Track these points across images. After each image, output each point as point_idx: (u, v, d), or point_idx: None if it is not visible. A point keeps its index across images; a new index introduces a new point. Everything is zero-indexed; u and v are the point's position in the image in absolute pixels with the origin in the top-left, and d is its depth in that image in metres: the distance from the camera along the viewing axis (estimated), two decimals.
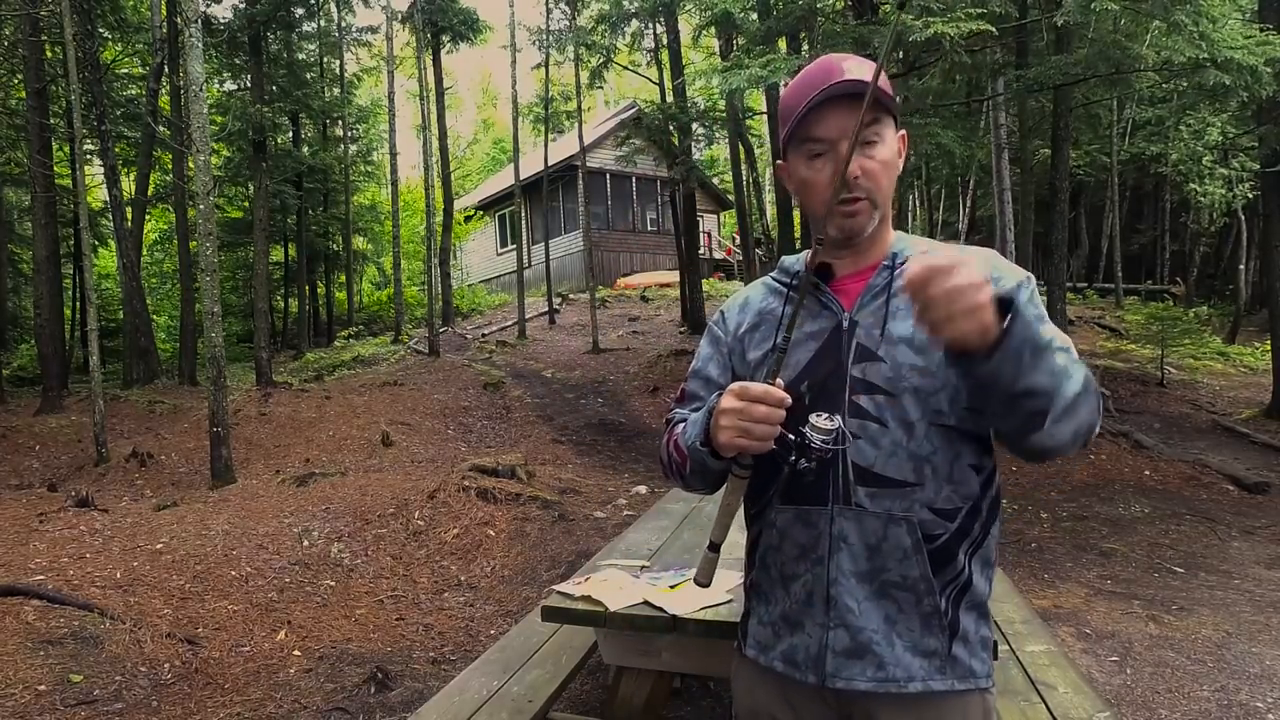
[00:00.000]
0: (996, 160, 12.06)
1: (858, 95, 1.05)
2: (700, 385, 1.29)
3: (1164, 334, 11.19)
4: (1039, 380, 0.95)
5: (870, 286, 1.15)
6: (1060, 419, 0.98)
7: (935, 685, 1.10)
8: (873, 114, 1.08)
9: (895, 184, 1.16)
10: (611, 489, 6.98)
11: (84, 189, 10.33)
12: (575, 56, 14.39)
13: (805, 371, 1.14)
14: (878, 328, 1.12)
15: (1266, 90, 6.95)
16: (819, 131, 1.11)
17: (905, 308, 1.11)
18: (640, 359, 12.56)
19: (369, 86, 23.10)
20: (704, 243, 20.39)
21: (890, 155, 1.12)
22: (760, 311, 1.25)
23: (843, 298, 1.16)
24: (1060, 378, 0.96)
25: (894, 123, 1.14)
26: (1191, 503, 6.60)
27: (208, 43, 11.40)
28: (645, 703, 2.36)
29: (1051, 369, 0.96)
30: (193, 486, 7.14)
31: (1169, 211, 20.32)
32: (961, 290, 0.88)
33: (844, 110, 1.08)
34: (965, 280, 0.88)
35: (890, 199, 1.15)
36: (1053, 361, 0.96)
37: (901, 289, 0.91)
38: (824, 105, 1.09)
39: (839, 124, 1.09)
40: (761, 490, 1.19)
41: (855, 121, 1.04)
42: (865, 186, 1.10)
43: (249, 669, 3.62)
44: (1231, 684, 3.41)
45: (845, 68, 1.09)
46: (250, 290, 15.17)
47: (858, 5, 8.14)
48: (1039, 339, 0.94)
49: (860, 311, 1.14)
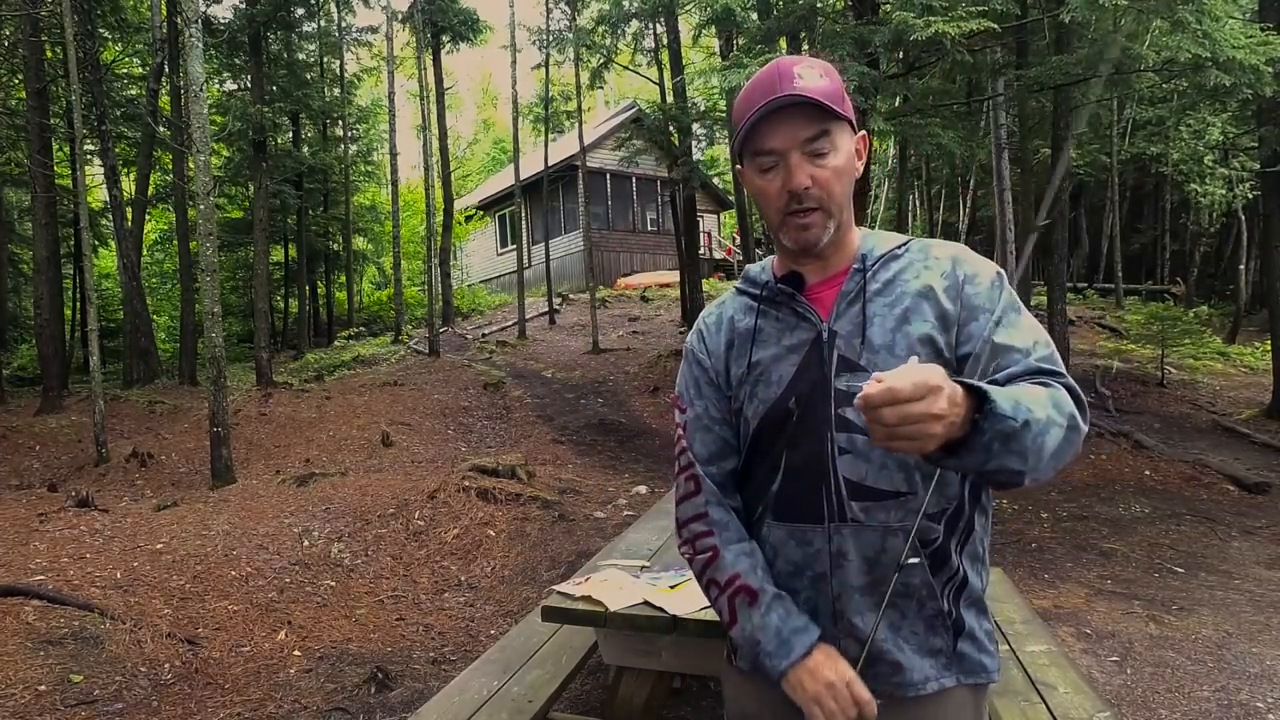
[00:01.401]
0: (996, 160, 12.05)
1: (806, 104, 1.04)
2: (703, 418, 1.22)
3: (1164, 334, 11.20)
4: (1009, 463, 0.92)
5: (844, 293, 1.13)
6: (1038, 475, 0.96)
7: (946, 683, 1.11)
8: (822, 125, 1.06)
9: (853, 187, 1.13)
10: (612, 489, 6.98)
11: (84, 189, 10.33)
12: (575, 57, 14.38)
13: (790, 387, 1.12)
14: (857, 336, 1.10)
15: (1268, 90, 6.95)
16: (767, 143, 1.08)
17: (883, 313, 1.10)
18: (640, 359, 12.56)
19: (369, 86, 23.10)
20: (704, 243, 20.39)
21: (843, 162, 1.09)
22: (735, 327, 1.21)
23: (818, 306, 1.14)
24: (1035, 453, 0.92)
25: (850, 126, 1.11)
26: (1192, 503, 6.60)
27: (208, 43, 11.41)
28: (645, 703, 2.36)
29: (1024, 449, 0.91)
30: (193, 486, 7.14)
31: (1169, 211, 20.32)
32: (916, 419, 0.84)
33: (792, 120, 1.06)
34: (923, 410, 0.84)
35: (847, 205, 1.12)
36: (1026, 442, 0.91)
37: (857, 404, 0.86)
38: (771, 116, 1.06)
39: (787, 135, 1.07)
40: (751, 505, 1.18)
41: (803, 131, 1.03)
42: (817, 195, 1.08)
43: (249, 669, 3.62)
44: (1232, 684, 3.40)
45: (796, 73, 1.06)
46: (250, 290, 15.17)
47: (858, 5, 8.14)
48: (1010, 427, 0.89)
49: (838, 321, 1.12)
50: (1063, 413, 0.96)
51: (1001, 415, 0.89)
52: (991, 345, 1.06)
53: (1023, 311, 1.10)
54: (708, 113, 13.75)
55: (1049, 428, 0.94)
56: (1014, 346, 1.06)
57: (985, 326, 1.07)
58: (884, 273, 1.13)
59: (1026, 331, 1.08)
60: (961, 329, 1.09)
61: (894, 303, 1.10)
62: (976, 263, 1.13)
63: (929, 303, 1.10)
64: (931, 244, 1.17)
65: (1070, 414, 0.97)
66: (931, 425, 0.85)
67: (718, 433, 1.21)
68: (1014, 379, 1.02)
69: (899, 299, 1.11)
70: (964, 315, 1.09)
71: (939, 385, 0.85)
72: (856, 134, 1.13)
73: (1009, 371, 1.04)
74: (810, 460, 1.10)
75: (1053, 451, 0.95)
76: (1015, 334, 1.07)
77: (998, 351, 1.06)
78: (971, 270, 1.12)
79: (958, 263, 1.13)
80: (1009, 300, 1.10)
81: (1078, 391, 1.03)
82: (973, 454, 0.91)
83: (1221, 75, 6.69)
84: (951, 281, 1.11)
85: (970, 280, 1.11)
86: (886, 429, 0.85)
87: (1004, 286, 1.11)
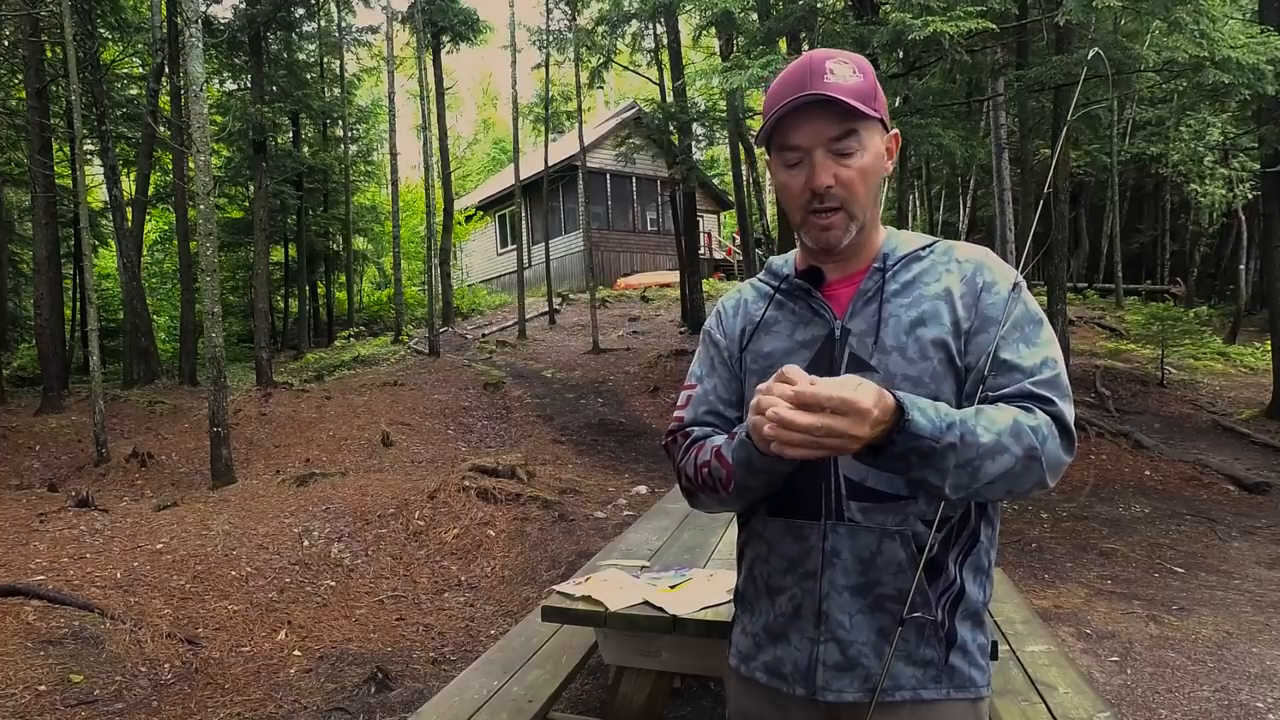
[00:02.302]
0: (997, 160, 12.06)
1: (834, 103, 1.03)
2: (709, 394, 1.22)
3: (1164, 334, 11.20)
4: (928, 476, 0.95)
5: (861, 292, 1.12)
6: (970, 493, 0.98)
7: (926, 694, 1.08)
8: (849, 125, 1.05)
9: (881, 186, 1.12)
10: (611, 489, 6.98)
11: (84, 189, 10.33)
12: (575, 57, 14.40)
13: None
14: (870, 335, 1.09)
15: (1269, 90, 6.95)
16: (793, 139, 1.07)
17: (899, 314, 1.09)
18: (640, 359, 12.56)
19: (369, 86, 23.10)
20: (704, 243, 20.38)
21: (870, 162, 1.07)
22: (750, 315, 1.21)
23: (834, 304, 1.13)
24: (964, 473, 0.95)
25: (881, 125, 1.09)
26: (1192, 503, 6.60)
27: (208, 43, 11.40)
28: (645, 703, 2.36)
29: (945, 468, 0.94)
30: (193, 486, 7.14)
31: (1169, 211, 20.33)
32: (834, 432, 0.88)
33: (819, 118, 1.05)
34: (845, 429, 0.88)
35: (872, 205, 1.11)
36: (948, 461, 0.94)
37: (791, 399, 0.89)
38: (798, 112, 1.05)
39: (813, 133, 1.05)
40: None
41: (829, 129, 1.03)
42: (839, 196, 1.06)
43: (249, 669, 3.62)
44: (1232, 684, 3.40)
45: (828, 68, 1.05)
46: (250, 290, 15.17)
47: (857, 5, 8.15)
48: (925, 446, 0.92)
49: (853, 319, 1.11)
50: (1021, 442, 0.96)
51: (916, 434, 0.92)
52: (994, 360, 1.04)
53: (1041, 323, 1.08)
54: (708, 112, 13.75)
55: (995, 453, 0.95)
56: (1018, 365, 1.04)
57: (992, 340, 1.05)
58: (904, 274, 1.12)
59: (1036, 349, 1.06)
60: (971, 339, 1.07)
61: (911, 305, 1.09)
62: (997, 270, 1.11)
63: (946, 307, 1.08)
64: (956, 246, 1.15)
65: (1031, 446, 0.97)
66: (848, 444, 0.90)
67: (720, 410, 1.20)
68: (1005, 400, 1.02)
69: (916, 301, 1.10)
70: (975, 324, 1.08)
71: (866, 410, 0.88)
72: (889, 132, 1.12)
73: (1003, 392, 1.03)
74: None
75: (997, 475, 0.96)
76: (1022, 351, 1.05)
77: (999, 367, 1.04)
78: (991, 278, 1.10)
79: (979, 269, 1.11)
80: (1024, 313, 1.07)
81: (1065, 422, 1.02)
82: (889, 461, 0.95)
83: (1220, 75, 6.69)
84: (969, 288, 1.10)
85: (988, 289, 1.09)
86: (805, 435, 0.88)
87: (1021, 297, 1.08)
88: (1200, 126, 15.87)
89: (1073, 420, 1.04)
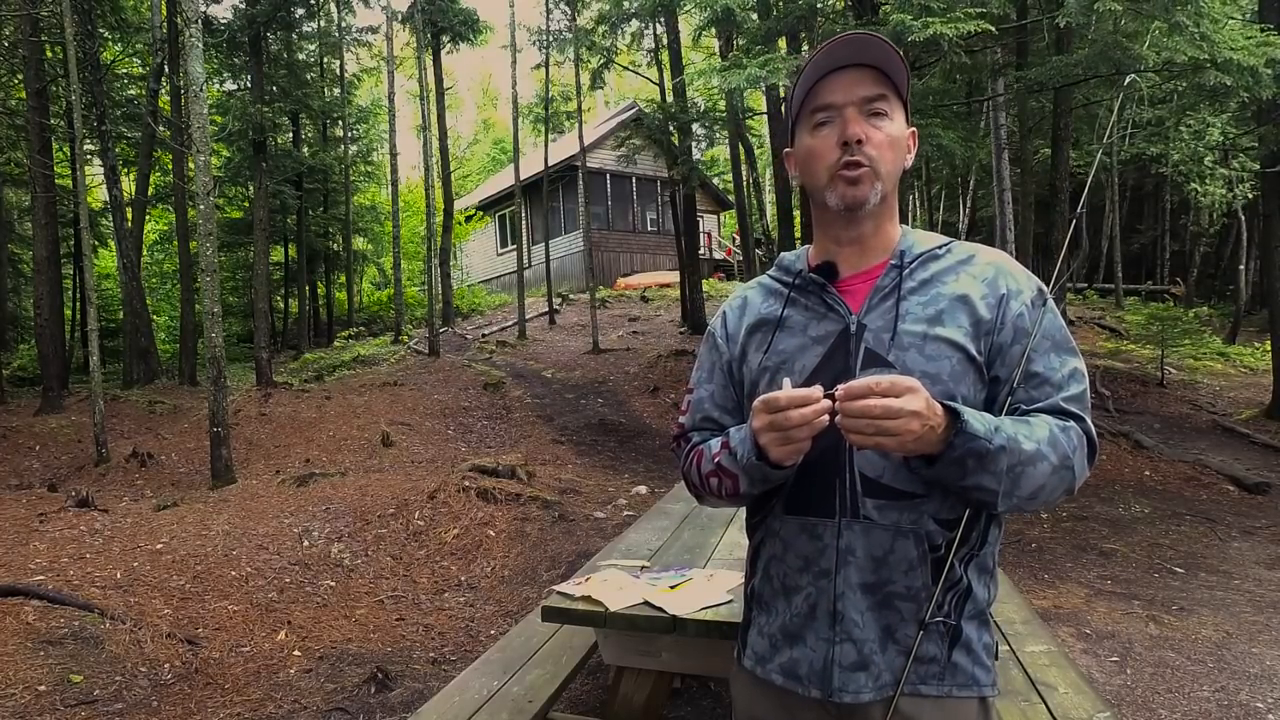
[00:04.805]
0: (996, 160, 12.05)
1: (866, 64, 1.07)
2: (705, 402, 1.25)
3: (1164, 334, 11.20)
4: (985, 481, 0.97)
5: (878, 287, 1.12)
6: (1016, 503, 1.00)
7: (926, 690, 1.08)
8: (883, 89, 1.09)
9: (901, 172, 1.13)
10: (611, 489, 6.98)
11: (84, 189, 10.33)
12: (575, 57, 14.39)
13: (812, 377, 1.10)
14: (887, 331, 1.08)
15: (1267, 91, 6.95)
16: (826, 98, 1.10)
17: (916, 311, 1.09)
18: (640, 359, 12.56)
19: (369, 86, 23.08)
20: (704, 243, 20.39)
21: (899, 133, 1.10)
22: (759, 314, 1.20)
23: (849, 299, 1.12)
24: (1012, 479, 0.97)
25: (905, 110, 1.13)
26: (1191, 503, 6.60)
27: (208, 43, 11.41)
28: (645, 703, 2.36)
29: (999, 472, 0.96)
30: (193, 486, 7.14)
31: (1169, 212, 20.33)
32: (896, 412, 0.90)
33: (854, 78, 1.08)
34: (900, 405, 0.90)
35: (895, 180, 1.12)
36: (1001, 465, 0.96)
37: (840, 397, 0.92)
38: (834, 73, 1.09)
39: (848, 89, 1.09)
40: (764, 497, 1.16)
41: (863, 89, 1.06)
42: (869, 154, 1.08)
43: (249, 669, 3.62)
44: (1232, 684, 3.40)
45: (867, 43, 1.09)
46: (250, 290, 15.16)
47: (857, 5, 8.14)
48: (982, 448, 0.95)
49: (869, 314, 1.10)
50: (1057, 451, 1.00)
51: (973, 434, 0.95)
52: (1025, 373, 1.07)
53: (1069, 336, 1.11)
54: (708, 112, 13.76)
55: (1036, 460, 0.99)
56: (1048, 380, 1.07)
57: (1023, 352, 1.07)
58: (921, 271, 1.12)
59: (1064, 362, 1.08)
60: (1000, 348, 1.08)
61: (928, 303, 1.09)
62: (1020, 278, 1.12)
63: (964, 309, 1.09)
64: (973, 249, 1.16)
65: (1065, 455, 1.01)
66: (910, 421, 0.91)
67: (715, 417, 1.24)
68: (1035, 414, 1.05)
69: (934, 299, 1.10)
70: (1003, 332, 1.08)
71: (915, 386, 0.92)
72: (909, 128, 1.14)
73: (1035, 406, 1.06)
74: (826, 453, 1.07)
75: (1037, 484, 1.00)
76: (1053, 364, 1.08)
77: (1031, 380, 1.07)
78: (1015, 286, 1.11)
79: (1001, 274, 1.12)
80: (1051, 322, 1.09)
81: (1093, 438, 1.06)
82: (947, 466, 0.97)
83: (1220, 76, 6.69)
84: (991, 291, 1.10)
85: (1014, 296, 1.10)
86: (869, 420, 0.91)
87: (1047, 306, 1.10)
88: (1200, 127, 15.86)
89: (1095, 434, 1.08)
